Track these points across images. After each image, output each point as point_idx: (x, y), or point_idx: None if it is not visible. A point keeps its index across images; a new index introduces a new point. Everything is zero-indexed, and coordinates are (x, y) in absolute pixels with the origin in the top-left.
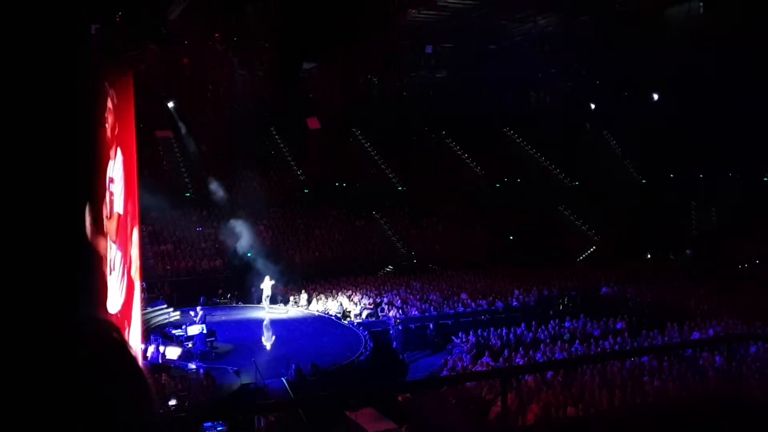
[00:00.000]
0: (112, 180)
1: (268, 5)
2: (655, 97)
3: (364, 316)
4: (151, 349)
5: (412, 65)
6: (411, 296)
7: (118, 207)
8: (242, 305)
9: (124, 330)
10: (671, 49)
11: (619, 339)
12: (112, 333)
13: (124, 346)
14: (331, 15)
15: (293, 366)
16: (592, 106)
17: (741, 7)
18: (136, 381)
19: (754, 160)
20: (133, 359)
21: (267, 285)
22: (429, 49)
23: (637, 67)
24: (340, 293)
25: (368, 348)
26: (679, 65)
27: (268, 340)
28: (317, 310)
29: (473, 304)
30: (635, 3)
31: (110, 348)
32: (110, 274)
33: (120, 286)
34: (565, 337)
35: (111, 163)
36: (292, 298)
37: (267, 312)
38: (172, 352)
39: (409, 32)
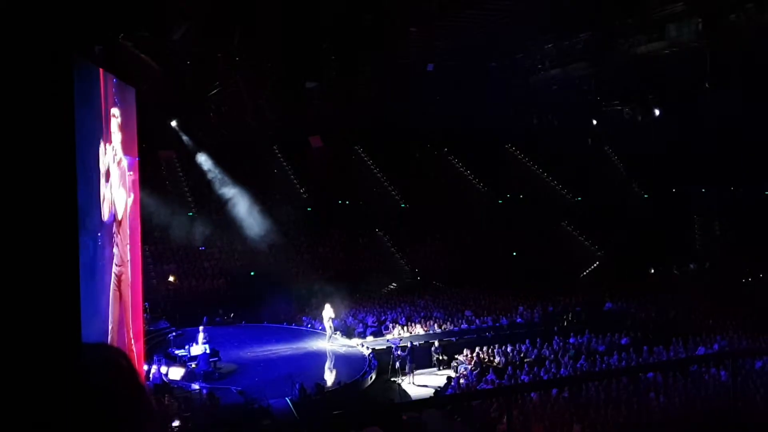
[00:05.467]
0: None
1: (270, 26)
2: (657, 112)
3: (368, 335)
4: (153, 369)
5: (415, 83)
6: (415, 314)
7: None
8: (246, 324)
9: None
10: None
11: (624, 355)
12: (121, 361)
13: (133, 373)
14: (333, 34)
15: (297, 385)
16: (594, 121)
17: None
18: (143, 407)
19: (757, 173)
20: (142, 386)
21: (328, 313)
22: (430, 67)
23: (639, 82)
24: (345, 312)
25: (372, 367)
26: (681, 78)
27: (330, 375)
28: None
29: (478, 321)
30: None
31: (119, 375)
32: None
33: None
34: (570, 354)
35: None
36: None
37: (330, 344)
38: (175, 373)
39: (412, 50)
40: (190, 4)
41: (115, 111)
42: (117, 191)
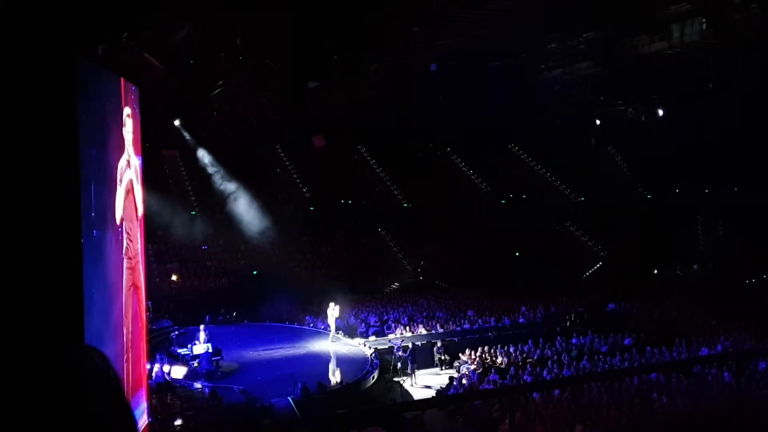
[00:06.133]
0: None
1: (273, 26)
2: (661, 112)
3: (370, 334)
4: (156, 368)
5: (417, 82)
6: (417, 314)
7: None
8: (248, 323)
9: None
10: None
11: (627, 355)
12: (96, 360)
13: (107, 372)
14: (336, 34)
15: (299, 384)
16: (597, 121)
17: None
18: (117, 404)
19: (760, 174)
20: (116, 384)
21: (332, 312)
22: (433, 67)
23: (643, 82)
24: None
25: (374, 366)
26: (685, 78)
27: (333, 375)
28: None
29: (480, 321)
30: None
31: (93, 374)
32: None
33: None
34: (572, 354)
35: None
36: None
37: (334, 344)
38: (178, 372)
39: (414, 50)
40: (192, 4)
41: (128, 110)
42: (131, 186)
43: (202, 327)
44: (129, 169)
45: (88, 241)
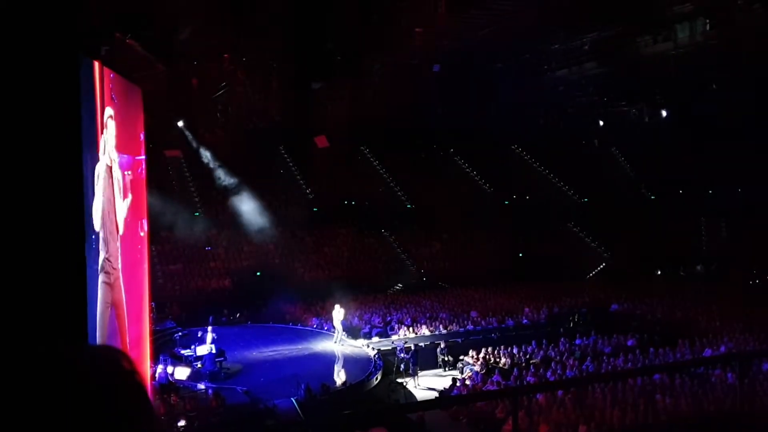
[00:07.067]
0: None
1: (277, 25)
2: (664, 113)
3: (373, 335)
4: (159, 369)
5: (421, 83)
6: (421, 315)
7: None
8: (251, 324)
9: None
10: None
11: (630, 356)
12: (122, 362)
13: (134, 375)
14: (339, 34)
15: (303, 386)
16: (601, 122)
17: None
18: (143, 410)
19: (763, 174)
20: (142, 389)
21: (338, 314)
22: (436, 68)
23: (646, 83)
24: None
25: (378, 367)
26: (688, 79)
27: (338, 376)
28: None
29: (483, 322)
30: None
31: (119, 378)
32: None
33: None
34: (575, 355)
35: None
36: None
37: (339, 345)
38: (181, 373)
39: (417, 50)
40: (195, 4)
41: (110, 110)
42: (111, 196)
43: (209, 328)
44: (109, 176)
45: None
